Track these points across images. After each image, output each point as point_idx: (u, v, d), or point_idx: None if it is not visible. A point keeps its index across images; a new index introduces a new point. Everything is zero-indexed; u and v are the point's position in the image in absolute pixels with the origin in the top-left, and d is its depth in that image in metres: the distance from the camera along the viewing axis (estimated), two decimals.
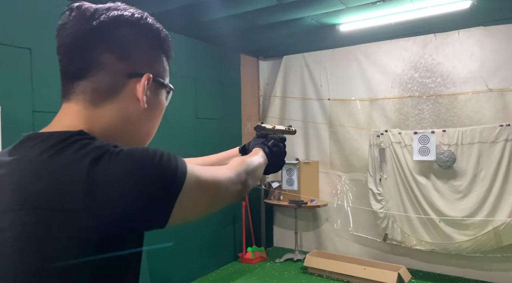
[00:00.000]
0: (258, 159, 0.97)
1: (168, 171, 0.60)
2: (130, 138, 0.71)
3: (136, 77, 0.70)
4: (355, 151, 4.62)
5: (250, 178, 0.84)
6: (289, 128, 1.34)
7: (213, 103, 4.40)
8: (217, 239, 4.45)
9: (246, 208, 4.77)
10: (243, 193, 0.81)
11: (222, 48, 4.54)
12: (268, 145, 1.07)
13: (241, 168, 0.82)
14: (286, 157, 1.16)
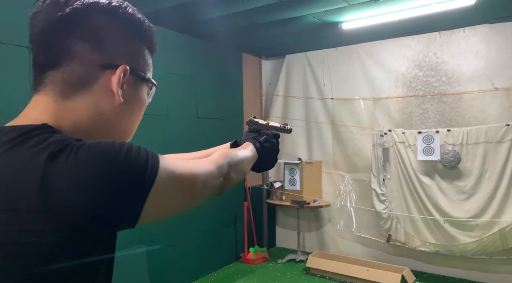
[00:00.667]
0: (245, 153, 0.92)
1: (137, 164, 0.55)
2: (105, 135, 0.66)
3: (111, 69, 0.65)
4: (358, 151, 4.56)
5: (233, 171, 0.80)
6: (285, 126, 1.29)
7: (214, 102, 4.37)
8: (218, 239, 4.42)
9: (248, 208, 4.73)
10: (224, 187, 0.78)
11: (223, 47, 4.51)
12: (259, 140, 1.03)
13: (223, 160, 0.78)
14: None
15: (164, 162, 0.60)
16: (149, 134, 3.49)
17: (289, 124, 1.33)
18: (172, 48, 3.82)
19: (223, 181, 0.76)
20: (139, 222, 0.57)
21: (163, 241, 3.70)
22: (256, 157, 0.99)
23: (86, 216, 0.52)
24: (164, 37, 3.72)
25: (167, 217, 0.64)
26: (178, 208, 0.65)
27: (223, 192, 0.79)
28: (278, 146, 1.10)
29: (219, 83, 4.45)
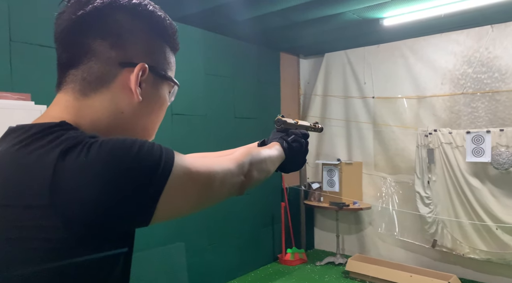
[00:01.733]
0: (270, 152, 0.89)
1: (149, 160, 0.54)
2: (124, 134, 0.65)
3: (130, 67, 0.65)
4: (401, 152, 4.37)
5: (255, 170, 0.78)
6: (315, 125, 1.25)
7: (252, 102, 4.37)
8: (255, 239, 4.41)
9: (285, 209, 4.69)
10: (246, 186, 0.75)
11: (261, 47, 4.50)
12: (287, 140, 0.99)
13: (244, 158, 0.75)
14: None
15: (179, 159, 0.59)
16: (188, 134, 3.56)
17: (320, 123, 1.29)
18: (211, 49, 3.87)
19: (244, 179, 0.73)
20: (153, 220, 0.56)
21: (202, 239, 3.75)
22: (282, 157, 0.96)
23: (96, 212, 0.51)
24: (203, 39, 3.78)
25: (183, 215, 0.63)
26: (195, 206, 0.63)
27: (244, 191, 0.77)
28: (307, 146, 1.06)
29: (256, 83, 4.44)
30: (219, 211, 3.90)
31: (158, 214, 0.55)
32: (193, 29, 3.67)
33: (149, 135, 0.72)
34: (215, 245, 3.89)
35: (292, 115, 5.02)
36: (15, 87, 2.43)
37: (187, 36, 3.63)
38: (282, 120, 1.06)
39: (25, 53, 2.52)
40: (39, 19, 2.59)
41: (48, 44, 2.62)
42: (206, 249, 3.79)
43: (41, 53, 2.59)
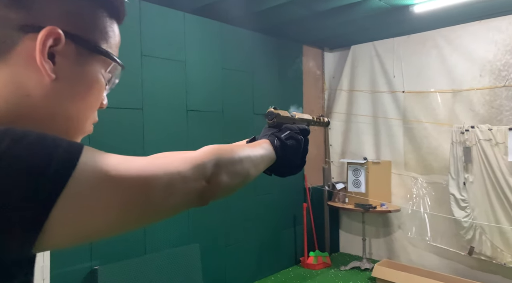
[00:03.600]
0: (252, 151, 0.70)
1: (32, 156, 0.37)
2: (37, 124, 0.47)
3: (34, 33, 0.47)
4: (434, 150, 4.04)
5: (224, 173, 0.59)
6: (319, 118, 1.04)
7: (272, 98, 4.17)
8: (276, 240, 4.22)
9: (307, 210, 4.47)
10: (210, 194, 0.57)
11: (282, 40, 4.29)
12: (279, 137, 0.80)
13: (206, 157, 0.57)
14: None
15: (90, 157, 0.42)
16: (204, 132, 3.41)
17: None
18: (228, 42, 3.70)
19: (206, 185, 0.55)
20: (42, 246, 0.39)
21: (219, 240, 3.60)
22: (272, 157, 0.77)
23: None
24: (219, 31, 3.62)
25: (103, 237, 0.45)
26: (121, 223, 0.46)
27: (208, 200, 0.58)
28: (307, 145, 0.86)
29: (277, 78, 4.24)
30: (236, 211, 3.74)
31: (50, 236, 0.38)
32: (209, 22, 3.52)
33: (75, 129, 0.54)
34: (232, 247, 3.73)
35: (316, 112, 4.78)
36: None
37: (204, 29, 3.48)
38: (275, 113, 0.85)
39: None
40: None
41: None
42: (223, 251, 3.64)
43: None
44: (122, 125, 2.90)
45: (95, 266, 2.74)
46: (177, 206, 0.52)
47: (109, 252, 2.82)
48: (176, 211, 0.54)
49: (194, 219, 3.37)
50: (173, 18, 3.24)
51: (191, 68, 3.36)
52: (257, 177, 0.74)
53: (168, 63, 3.20)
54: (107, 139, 2.79)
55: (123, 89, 2.91)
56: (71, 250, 2.58)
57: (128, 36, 2.95)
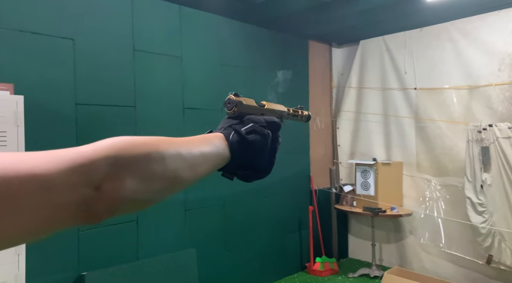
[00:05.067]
0: (191, 147, 0.53)
1: None
2: None
3: None
4: (448, 150, 3.78)
5: (129, 176, 0.42)
6: (297, 110, 0.86)
7: (275, 96, 3.97)
8: (281, 245, 4.02)
9: (314, 213, 4.25)
10: (101, 207, 0.40)
11: (286, 35, 4.09)
12: (238, 130, 0.62)
13: (99, 154, 0.41)
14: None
15: None
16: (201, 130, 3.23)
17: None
18: (227, 37, 3.52)
19: (95, 194, 0.39)
20: None
21: (218, 245, 3.43)
22: (225, 156, 0.59)
23: None
24: (217, 25, 3.44)
25: None
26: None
27: (103, 215, 0.41)
28: (275, 141, 0.68)
29: (280, 75, 4.04)
30: (236, 214, 3.56)
31: None
32: (206, 15, 3.35)
33: None
34: (233, 252, 3.54)
35: (323, 111, 4.57)
36: (4, 76, 2.23)
37: (200, 23, 3.31)
38: (235, 101, 0.66)
39: (13, 40, 2.32)
40: (28, 4, 2.38)
41: (37, 31, 2.41)
42: (222, 256, 3.46)
43: (31, 40, 2.39)
44: (113, 124, 2.75)
45: (82, 273, 2.59)
46: (40, 227, 0.36)
47: (98, 257, 2.68)
48: (39, 234, 0.37)
49: (190, 222, 3.20)
50: (168, 11, 3.08)
51: (187, 64, 3.20)
52: (200, 180, 0.56)
53: (162, 58, 3.05)
54: (96, 137, 2.63)
55: (114, 85, 2.77)
56: (54, 256, 2.44)
57: (119, 30, 2.81)
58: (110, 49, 2.75)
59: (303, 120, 0.88)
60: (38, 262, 2.30)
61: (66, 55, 2.55)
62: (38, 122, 2.34)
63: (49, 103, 2.43)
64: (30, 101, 2.20)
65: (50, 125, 2.43)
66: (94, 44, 2.67)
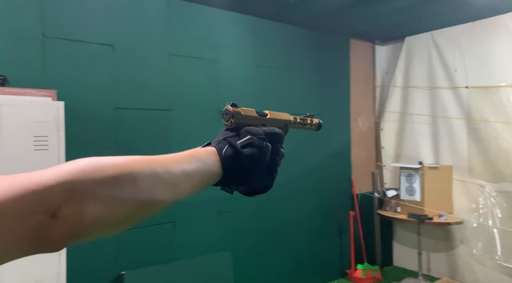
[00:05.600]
0: (172, 166, 0.50)
1: None
2: None
3: None
4: (505, 154, 3.47)
5: (91, 201, 0.40)
6: (306, 118, 0.80)
7: (314, 97, 3.87)
8: (319, 250, 3.91)
9: (355, 218, 4.09)
10: (58, 234, 0.38)
11: (325, 33, 3.96)
12: (233, 144, 0.58)
13: (57, 179, 0.39)
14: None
15: None
16: None
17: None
18: (263, 38, 3.48)
19: (51, 221, 0.38)
20: None
21: (253, 248, 3.40)
22: (215, 172, 0.56)
23: None
24: (252, 26, 3.42)
25: None
26: None
27: (63, 243, 0.39)
28: (276, 154, 0.63)
29: (319, 76, 3.93)
30: (272, 217, 3.51)
31: None
32: (242, 17, 3.33)
33: None
34: (268, 256, 3.50)
35: (365, 112, 4.39)
36: (47, 83, 2.36)
37: (236, 25, 3.31)
38: (232, 112, 0.62)
39: (58, 48, 2.45)
40: (72, 13, 2.50)
41: (79, 38, 2.53)
42: (257, 260, 3.42)
43: (73, 48, 2.50)
44: (149, 127, 2.82)
45: (121, 272, 2.68)
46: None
47: (136, 257, 2.75)
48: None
49: (224, 225, 3.20)
50: (203, 14, 3.10)
51: (222, 67, 3.20)
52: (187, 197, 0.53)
53: (197, 62, 3.08)
54: (134, 141, 2.72)
55: (151, 90, 2.84)
56: (94, 255, 2.54)
57: (156, 35, 2.87)
58: (147, 54, 2.82)
59: (312, 128, 0.83)
60: (78, 261, 2.40)
61: (106, 61, 2.65)
62: (78, 127, 2.45)
63: (89, 108, 2.54)
64: (71, 106, 2.31)
65: (90, 130, 2.54)
66: (132, 49, 2.75)
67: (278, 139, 0.64)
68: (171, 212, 2.92)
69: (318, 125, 0.83)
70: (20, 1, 2.33)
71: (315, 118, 0.83)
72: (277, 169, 0.64)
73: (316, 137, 3.83)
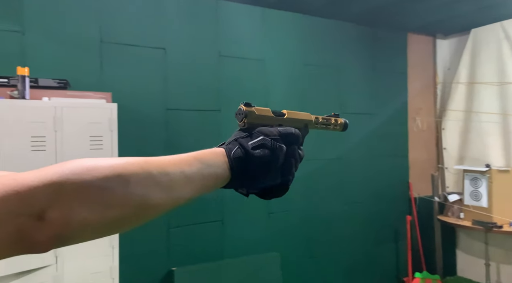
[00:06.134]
0: (170, 168, 0.48)
1: None
2: None
3: None
4: None
5: (78, 204, 0.39)
6: (330, 118, 0.75)
7: (366, 96, 3.70)
8: (373, 256, 3.73)
9: (412, 224, 3.85)
10: (44, 237, 0.38)
11: (378, 29, 3.77)
12: (244, 145, 0.56)
13: (42, 181, 0.38)
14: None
15: None
16: None
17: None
18: (311, 36, 3.40)
19: (36, 224, 0.37)
20: None
21: (302, 250, 3.34)
22: (221, 175, 0.54)
23: None
24: (300, 24, 3.34)
25: None
26: None
27: (49, 245, 0.39)
28: (292, 155, 0.59)
29: (373, 73, 3.75)
30: (322, 219, 3.42)
31: None
32: (290, 15, 3.28)
33: None
34: (317, 259, 3.41)
35: (425, 110, 4.12)
36: (103, 86, 2.50)
37: (283, 23, 3.26)
38: (245, 111, 0.60)
39: (113, 53, 2.58)
40: (126, 19, 2.63)
41: (133, 42, 2.65)
42: (306, 263, 3.35)
43: (128, 52, 2.63)
44: (199, 128, 2.88)
45: (172, 268, 2.76)
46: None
47: (186, 254, 2.83)
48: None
49: (273, 226, 3.17)
50: (251, 14, 3.10)
51: (270, 67, 3.18)
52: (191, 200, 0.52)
53: (246, 62, 3.08)
54: (184, 141, 2.79)
55: (200, 91, 2.90)
56: (146, 250, 2.65)
57: (205, 37, 2.92)
58: (197, 56, 2.89)
59: (337, 129, 0.77)
60: (130, 255, 2.52)
61: (158, 64, 2.75)
62: (131, 127, 2.56)
63: (141, 109, 2.66)
64: (124, 108, 2.42)
65: (142, 130, 2.65)
66: (182, 52, 2.83)
67: (294, 140, 0.60)
68: (220, 211, 2.95)
69: (344, 126, 0.78)
70: (80, 12, 2.49)
71: (341, 118, 0.77)
72: (292, 171, 0.59)
73: (371, 138, 3.67)
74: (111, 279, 2.16)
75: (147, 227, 2.61)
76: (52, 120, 1.98)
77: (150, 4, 2.72)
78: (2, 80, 2.08)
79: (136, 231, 2.63)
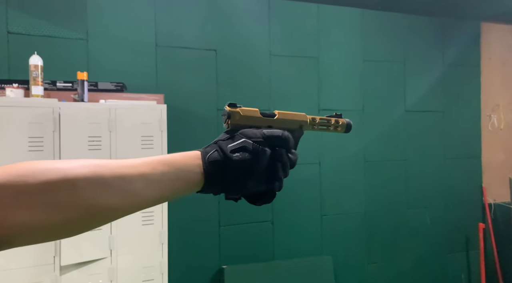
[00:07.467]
0: (126, 170, 0.46)
1: None
2: None
3: None
4: None
5: (20, 206, 0.39)
6: (330, 119, 0.68)
7: (432, 91, 3.42)
8: (440, 265, 3.45)
9: (486, 232, 3.48)
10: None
11: (446, 20, 3.45)
12: (223, 148, 0.52)
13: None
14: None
15: None
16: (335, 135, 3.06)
17: (343, 116, 0.69)
18: (371, 30, 3.22)
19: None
20: None
21: (359, 255, 3.18)
22: (190, 179, 0.51)
23: None
24: (359, 19, 3.19)
25: None
26: None
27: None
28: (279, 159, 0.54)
29: (440, 67, 3.45)
30: (380, 225, 3.23)
31: None
32: (347, 10, 3.14)
33: None
34: (377, 265, 3.23)
35: (503, 107, 3.70)
36: (157, 88, 2.62)
37: (339, 19, 3.13)
38: (228, 112, 0.56)
39: (167, 56, 2.68)
40: (179, 23, 2.72)
41: (186, 45, 2.73)
42: (365, 269, 3.19)
43: (180, 54, 2.71)
44: None
45: (222, 266, 2.80)
46: None
47: (237, 253, 2.85)
48: None
49: (327, 229, 3.07)
50: (304, 11, 3.03)
51: (324, 64, 3.08)
52: (157, 204, 0.50)
53: (298, 60, 3.02)
54: None
55: (251, 91, 2.90)
56: (197, 247, 2.72)
57: (256, 36, 2.91)
58: (248, 55, 2.89)
59: (339, 130, 0.70)
60: (179, 252, 2.60)
61: (210, 65, 2.80)
62: (181, 128, 2.64)
63: (193, 110, 2.73)
64: (175, 109, 2.51)
65: (192, 130, 2.72)
66: (233, 52, 2.86)
67: (281, 143, 0.55)
68: (269, 211, 2.93)
69: (346, 127, 0.70)
70: (138, 19, 2.62)
71: (343, 119, 0.69)
72: (279, 176, 0.54)
73: (439, 137, 3.40)
74: (161, 273, 2.24)
75: (198, 224, 2.69)
76: (107, 121, 2.11)
77: (202, 6, 2.78)
78: (67, 84, 2.27)
79: (187, 227, 2.72)
